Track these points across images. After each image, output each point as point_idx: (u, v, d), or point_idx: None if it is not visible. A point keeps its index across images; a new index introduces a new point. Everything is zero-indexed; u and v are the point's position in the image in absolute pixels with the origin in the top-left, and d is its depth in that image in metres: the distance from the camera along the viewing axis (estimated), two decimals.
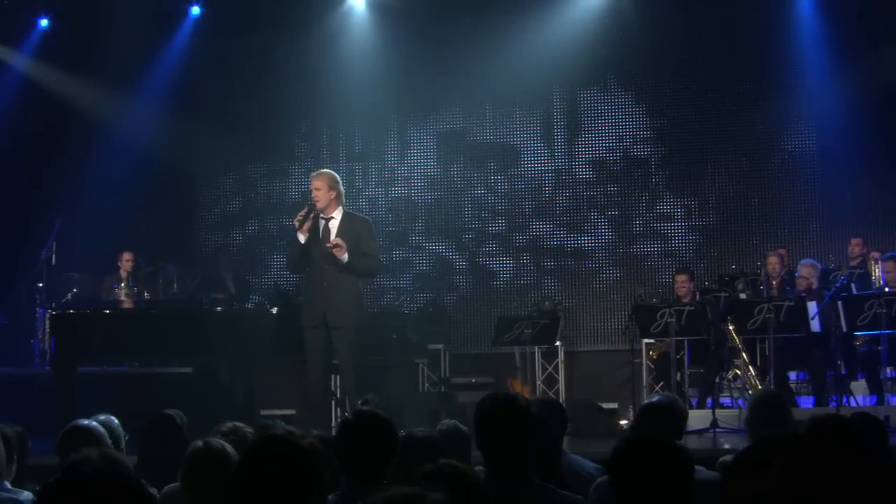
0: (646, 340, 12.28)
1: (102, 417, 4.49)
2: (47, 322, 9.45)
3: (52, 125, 13.53)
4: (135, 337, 9.05)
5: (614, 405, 11.99)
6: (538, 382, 12.15)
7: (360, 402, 5.42)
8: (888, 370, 9.55)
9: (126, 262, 12.11)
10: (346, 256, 8.13)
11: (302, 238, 8.20)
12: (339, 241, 8.09)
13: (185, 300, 11.63)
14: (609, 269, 13.58)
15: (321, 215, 8.34)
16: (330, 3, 13.78)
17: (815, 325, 9.22)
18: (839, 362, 9.80)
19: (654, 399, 5.16)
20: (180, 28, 13.87)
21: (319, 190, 8.24)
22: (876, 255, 11.12)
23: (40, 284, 12.04)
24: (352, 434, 3.54)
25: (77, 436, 4.20)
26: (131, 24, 13.10)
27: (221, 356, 9.38)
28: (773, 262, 11.14)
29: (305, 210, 8.22)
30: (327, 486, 2.98)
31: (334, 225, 8.29)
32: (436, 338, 12.06)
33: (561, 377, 12.47)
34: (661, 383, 11.71)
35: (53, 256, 11.91)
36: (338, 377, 9.18)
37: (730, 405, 10.45)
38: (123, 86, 13.48)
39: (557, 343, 12.24)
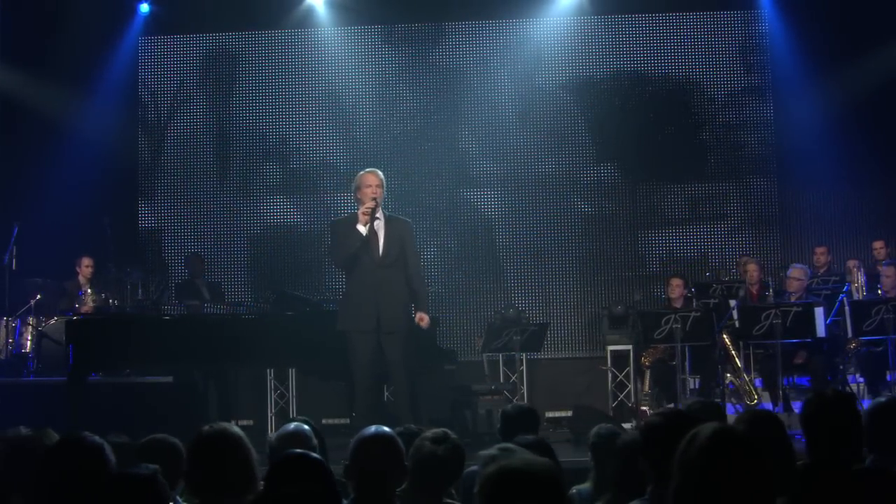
0: (611, 347, 12.36)
1: (292, 427, 4.11)
2: (65, 330, 8.94)
3: (6, 126, 12.89)
4: (159, 345, 8.58)
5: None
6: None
7: (509, 407, 5.16)
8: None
9: (86, 267, 11.62)
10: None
11: (364, 231, 7.92)
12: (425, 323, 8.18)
13: (150, 306, 11.23)
14: (572, 277, 13.54)
15: None
16: (287, 4, 13.51)
17: (822, 331, 9.32)
18: (840, 366, 9.96)
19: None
20: (130, 26, 13.46)
21: (380, 186, 7.99)
22: (855, 262, 11.35)
23: None
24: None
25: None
26: (78, 21, 12.63)
27: (242, 362, 8.96)
28: (752, 268, 11.28)
29: (374, 204, 7.91)
30: None
31: (380, 226, 8.02)
32: None
33: (525, 384, 12.39)
34: (627, 388, 11.84)
35: (14, 261, 11.30)
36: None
37: (731, 412, 10.47)
38: (76, 84, 12.99)
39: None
